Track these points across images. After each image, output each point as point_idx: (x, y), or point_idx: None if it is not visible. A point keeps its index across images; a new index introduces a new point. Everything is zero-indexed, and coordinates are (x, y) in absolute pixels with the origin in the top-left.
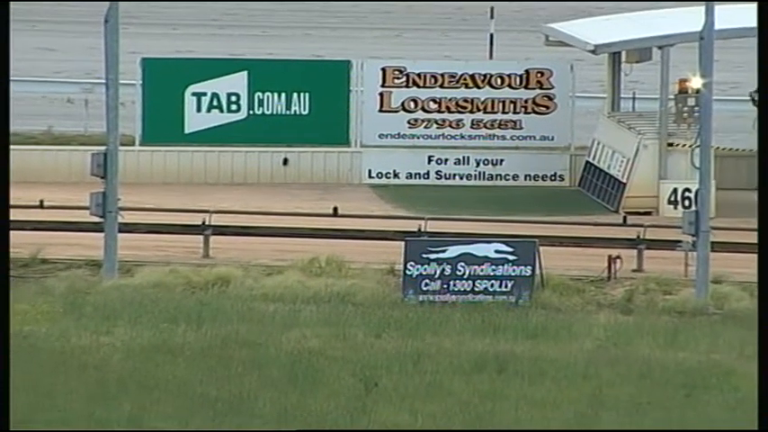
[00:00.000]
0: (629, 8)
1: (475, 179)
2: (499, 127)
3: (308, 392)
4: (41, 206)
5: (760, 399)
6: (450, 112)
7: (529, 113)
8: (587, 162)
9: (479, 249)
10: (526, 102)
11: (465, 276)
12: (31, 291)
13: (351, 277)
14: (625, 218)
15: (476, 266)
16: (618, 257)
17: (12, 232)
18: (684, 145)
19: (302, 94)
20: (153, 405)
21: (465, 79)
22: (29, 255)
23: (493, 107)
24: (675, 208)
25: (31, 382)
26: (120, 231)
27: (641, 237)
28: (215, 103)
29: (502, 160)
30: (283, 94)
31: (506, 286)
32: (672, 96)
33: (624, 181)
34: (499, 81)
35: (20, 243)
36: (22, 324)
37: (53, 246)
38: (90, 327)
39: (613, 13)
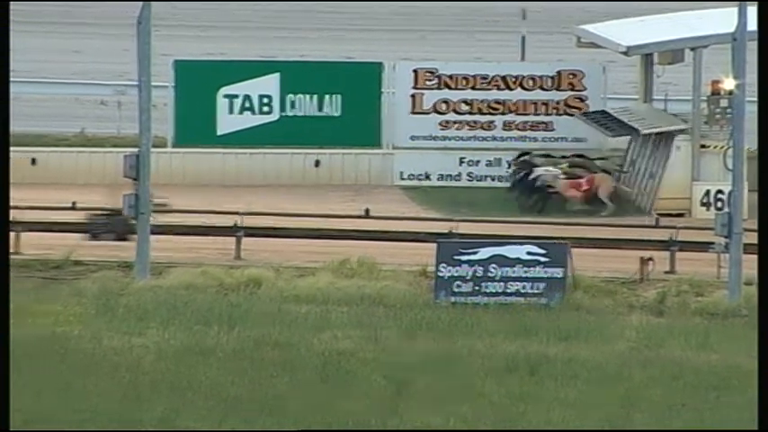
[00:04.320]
0: (662, 9)
1: (507, 181)
2: (531, 129)
3: (340, 394)
4: (74, 208)
5: (760, 399)
6: (481, 113)
7: (561, 115)
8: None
9: (511, 251)
10: (558, 103)
11: (497, 278)
12: (64, 292)
13: (382, 279)
14: (657, 219)
15: (507, 268)
16: (650, 259)
17: (44, 234)
18: (717, 146)
19: (334, 96)
20: (185, 406)
21: (497, 81)
22: (61, 256)
23: (525, 109)
24: (708, 209)
25: (64, 384)
26: (152, 233)
27: (674, 238)
28: (247, 104)
29: None
30: (315, 96)
31: (538, 288)
32: (705, 98)
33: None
34: (531, 83)
35: (52, 244)
36: (55, 325)
37: (85, 247)
38: (122, 328)
39: (646, 15)
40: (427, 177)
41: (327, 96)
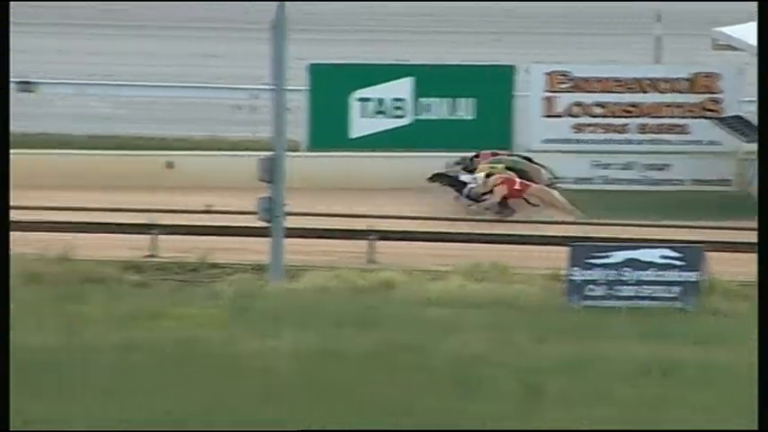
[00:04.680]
0: None
1: (640, 184)
2: (666, 132)
3: (472, 396)
4: (209, 211)
5: (760, 399)
6: (615, 116)
7: (696, 118)
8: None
9: (645, 255)
10: (693, 106)
11: (630, 282)
12: (200, 295)
13: (514, 282)
14: None
15: (641, 272)
16: None
17: (180, 237)
18: None
19: (466, 100)
20: (321, 408)
21: (631, 84)
22: (197, 259)
23: (659, 112)
24: None
25: (202, 386)
26: (286, 236)
27: None
28: (380, 108)
29: (668, 165)
30: (448, 100)
31: (672, 292)
32: None
33: None
34: (665, 85)
35: (188, 248)
36: (192, 328)
37: (220, 250)
38: (257, 331)
39: None
40: (560, 180)
41: (460, 100)
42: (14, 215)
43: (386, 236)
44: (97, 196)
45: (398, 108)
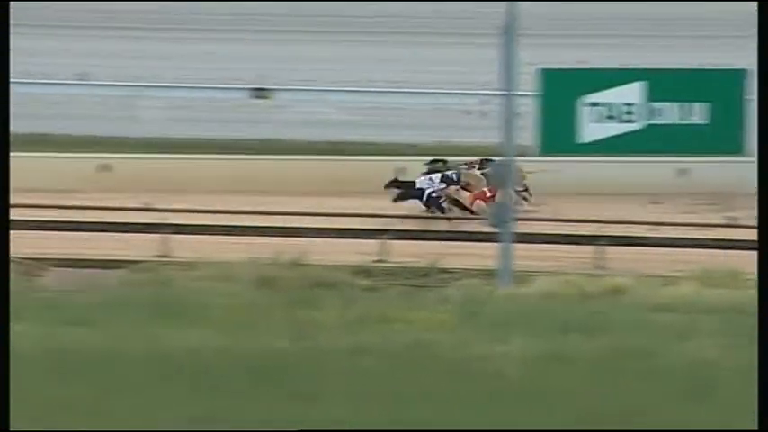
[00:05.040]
0: None
1: None
2: None
3: (705, 403)
4: (448, 217)
5: (760, 399)
6: None
7: None
8: None
9: None
10: None
11: None
12: (431, 299)
13: (748, 288)
14: None
15: None
16: None
17: (412, 242)
18: None
19: (699, 104)
20: (550, 412)
21: None
22: (428, 264)
23: None
24: None
25: (432, 390)
26: (515, 241)
27: None
28: (610, 113)
29: None
30: (679, 104)
31: None
32: None
33: None
34: None
35: (419, 252)
36: (422, 331)
37: (450, 255)
38: (485, 335)
39: None
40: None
41: (692, 104)
42: (245, 220)
43: (615, 242)
44: (330, 201)
45: (629, 113)
